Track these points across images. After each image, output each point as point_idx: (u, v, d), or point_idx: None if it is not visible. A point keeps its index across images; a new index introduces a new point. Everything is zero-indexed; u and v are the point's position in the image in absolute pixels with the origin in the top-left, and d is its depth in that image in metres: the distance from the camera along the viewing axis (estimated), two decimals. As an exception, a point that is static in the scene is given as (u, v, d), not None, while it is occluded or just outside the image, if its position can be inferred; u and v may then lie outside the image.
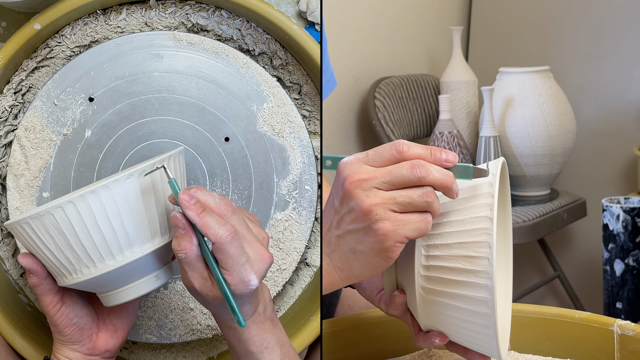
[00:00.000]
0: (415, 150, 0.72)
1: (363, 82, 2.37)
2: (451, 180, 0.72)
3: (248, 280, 0.76)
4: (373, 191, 0.72)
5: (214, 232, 0.75)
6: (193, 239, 0.76)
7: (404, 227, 0.71)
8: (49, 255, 0.78)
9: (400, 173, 0.71)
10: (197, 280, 0.77)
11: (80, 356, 0.85)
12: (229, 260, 0.75)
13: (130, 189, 0.76)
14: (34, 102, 0.94)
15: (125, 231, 0.76)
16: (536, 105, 2.26)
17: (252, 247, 0.77)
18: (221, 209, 0.76)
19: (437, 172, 0.72)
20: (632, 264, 1.88)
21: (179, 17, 0.97)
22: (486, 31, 2.81)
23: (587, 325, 0.91)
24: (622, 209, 1.88)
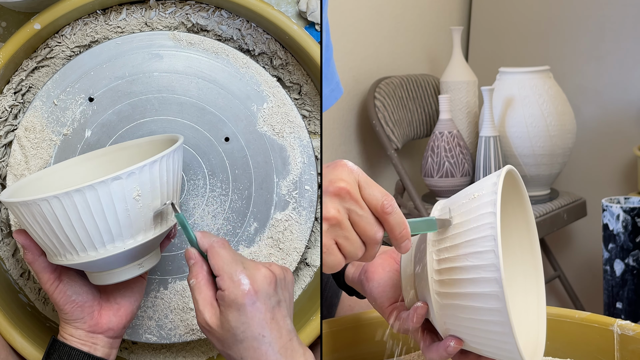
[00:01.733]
0: (395, 218, 0.76)
1: (363, 82, 2.37)
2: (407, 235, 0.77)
3: (238, 280, 0.76)
4: (344, 211, 0.75)
5: (208, 240, 0.79)
6: (203, 265, 0.79)
7: (326, 257, 0.75)
8: (38, 237, 0.81)
9: (371, 221, 0.76)
10: (207, 309, 0.77)
11: (83, 334, 0.85)
12: (219, 261, 0.77)
13: (116, 190, 0.77)
14: (34, 102, 0.94)
15: (108, 227, 0.78)
16: (536, 105, 2.26)
17: (250, 264, 0.78)
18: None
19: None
20: (632, 264, 1.88)
21: (179, 17, 0.97)
22: (486, 31, 2.81)
23: (587, 325, 0.91)
24: (622, 209, 1.88)
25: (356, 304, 1.10)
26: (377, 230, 0.76)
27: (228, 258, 0.78)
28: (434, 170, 2.24)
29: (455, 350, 0.79)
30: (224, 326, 0.76)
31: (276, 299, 0.77)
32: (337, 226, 0.74)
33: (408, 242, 0.77)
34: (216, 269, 0.78)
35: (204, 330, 0.78)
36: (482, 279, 0.73)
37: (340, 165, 0.76)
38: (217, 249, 0.78)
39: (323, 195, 0.75)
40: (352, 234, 0.75)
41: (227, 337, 0.77)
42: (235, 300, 0.75)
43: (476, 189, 0.77)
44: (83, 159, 0.92)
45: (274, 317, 0.77)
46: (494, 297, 0.72)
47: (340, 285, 0.95)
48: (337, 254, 0.75)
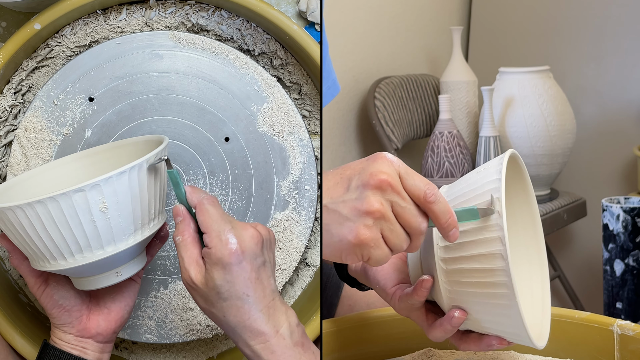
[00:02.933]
0: (440, 207, 0.74)
1: (363, 82, 2.37)
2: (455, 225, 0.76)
3: (225, 239, 0.76)
4: (387, 203, 0.73)
5: (197, 195, 0.79)
6: (190, 223, 0.79)
7: (373, 251, 0.74)
8: (15, 242, 0.80)
9: (414, 213, 0.74)
10: (193, 267, 0.77)
11: (72, 338, 0.85)
12: (207, 219, 0.77)
13: (79, 202, 0.75)
14: (34, 102, 0.94)
15: (75, 238, 0.77)
16: (536, 105, 2.26)
17: (238, 223, 0.78)
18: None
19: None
20: (632, 264, 1.88)
21: (179, 17, 0.97)
22: (486, 31, 2.81)
23: (587, 325, 0.91)
24: (622, 209, 1.88)
25: (356, 304, 1.10)
26: (422, 220, 0.74)
27: (216, 215, 0.78)
28: (434, 170, 2.24)
29: (459, 321, 0.78)
30: (209, 284, 0.77)
31: (262, 259, 0.78)
32: (381, 219, 0.73)
33: (456, 231, 0.75)
34: (204, 225, 0.78)
35: (188, 287, 0.78)
36: (487, 240, 0.74)
37: (380, 158, 0.75)
38: (206, 206, 0.78)
39: (364, 188, 0.73)
40: (397, 226, 0.74)
41: (211, 295, 0.77)
42: (222, 258, 0.76)
43: (481, 168, 0.78)
44: (79, 157, 0.91)
45: (259, 276, 0.77)
46: (499, 256, 0.73)
47: (342, 278, 0.94)
48: (384, 248, 0.74)
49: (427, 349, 0.96)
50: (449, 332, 0.79)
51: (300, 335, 0.80)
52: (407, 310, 0.83)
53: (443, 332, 0.79)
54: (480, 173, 0.78)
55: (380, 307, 1.02)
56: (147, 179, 0.79)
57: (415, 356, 0.95)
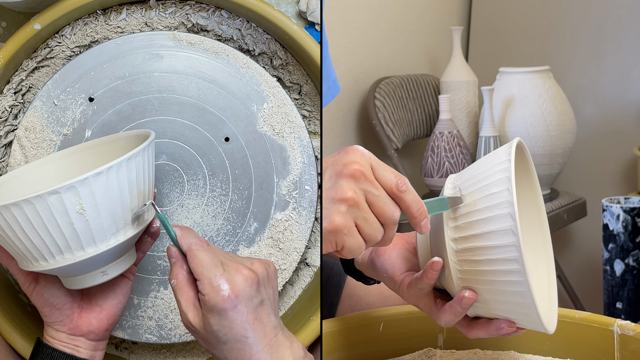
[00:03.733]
0: (411, 197, 0.76)
1: (363, 82, 2.37)
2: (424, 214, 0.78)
3: (217, 285, 0.75)
4: (361, 192, 0.75)
5: (187, 241, 0.78)
6: (183, 265, 0.78)
7: (347, 239, 0.75)
8: (0, 242, 0.80)
9: (387, 202, 0.76)
10: (190, 310, 0.77)
11: (64, 336, 0.85)
12: (198, 266, 0.77)
13: (55, 204, 0.74)
14: (34, 102, 0.94)
15: (53, 240, 0.76)
16: (536, 105, 2.26)
17: (231, 265, 0.77)
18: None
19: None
20: (632, 264, 1.88)
21: (179, 17, 0.97)
22: (486, 31, 2.81)
23: (587, 325, 0.91)
24: (622, 209, 1.88)
25: (357, 304, 1.10)
26: (395, 210, 0.76)
27: (207, 261, 0.77)
28: (434, 170, 2.24)
29: (469, 301, 0.78)
30: (207, 328, 0.76)
31: (259, 299, 0.77)
32: (355, 207, 0.74)
33: (427, 221, 0.77)
34: (195, 272, 0.77)
35: (189, 329, 0.78)
36: (496, 217, 0.74)
37: (352, 150, 0.77)
38: (194, 252, 0.77)
39: (337, 178, 0.75)
40: (371, 215, 0.75)
41: (211, 339, 0.76)
42: (216, 305, 0.75)
43: (490, 154, 0.79)
44: (71, 152, 0.90)
45: (257, 317, 0.76)
46: (509, 232, 0.73)
47: (348, 272, 0.94)
48: (357, 237, 0.75)
49: (427, 349, 0.96)
50: (459, 315, 0.79)
51: None
52: (415, 297, 0.83)
53: (453, 315, 0.79)
54: (489, 158, 0.78)
55: (380, 307, 1.02)
56: (127, 178, 0.77)
57: (415, 356, 0.95)
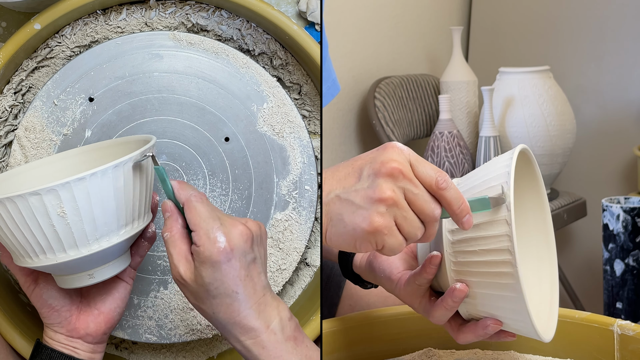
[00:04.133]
0: (452, 193, 0.75)
1: (363, 82, 2.37)
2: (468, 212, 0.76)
3: (214, 237, 0.75)
4: (400, 191, 0.73)
5: (185, 192, 0.78)
6: (178, 219, 0.79)
7: (387, 238, 0.74)
8: (7, 239, 0.80)
9: (427, 199, 0.74)
10: (182, 263, 0.77)
11: (62, 337, 0.85)
12: (196, 217, 0.77)
13: (36, 205, 0.75)
14: (34, 102, 0.94)
15: (36, 239, 0.77)
16: (536, 105, 2.26)
17: (227, 220, 0.78)
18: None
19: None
20: (632, 264, 1.88)
21: (179, 17, 0.97)
22: (486, 31, 2.81)
23: (587, 325, 0.91)
24: (622, 209, 1.87)
25: (357, 304, 1.10)
26: (435, 207, 0.74)
27: (205, 213, 0.77)
28: (434, 170, 2.24)
29: (461, 293, 0.77)
30: (198, 281, 0.76)
31: (252, 256, 0.77)
32: (394, 206, 0.73)
33: (469, 217, 0.75)
34: (192, 223, 0.77)
35: (178, 283, 0.78)
36: (494, 221, 0.74)
37: (390, 147, 0.75)
38: (194, 203, 0.78)
39: (375, 177, 0.73)
40: (410, 214, 0.74)
41: (200, 292, 0.77)
42: (210, 257, 0.75)
43: (492, 161, 0.79)
44: (74, 154, 0.91)
45: (249, 274, 0.77)
46: (502, 222, 0.73)
47: (347, 275, 0.94)
48: (398, 236, 0.74)
49: (427, 349, 0.96)
50: (450, 309, 0.79)
51: (292, 330, 0.79)
52: (411, 295, 0.83)
53: (444, 309, 0.79)
54: (490, 166, 0.78)
55: (380, 307, 1.02)
56: (114, 186, 0.77)
57: (415, 356, 0.95)
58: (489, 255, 0.75)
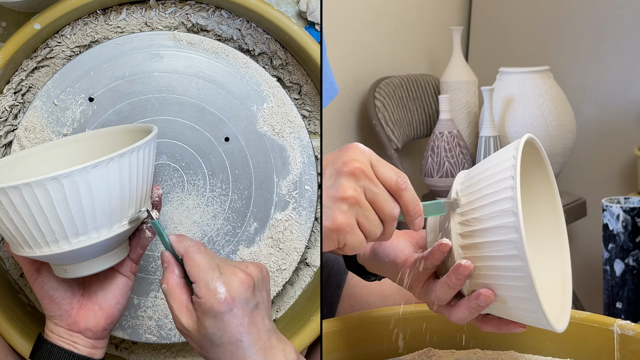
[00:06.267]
0: (409, 195, 0.77)
1: (363, 82, 2.37)
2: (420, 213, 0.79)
3: (214, 288, 0.75)
4: (361, 190, 0.76)
5: (183, 245, 0.78)
6: (175, 269, 0.79)
7: (349, 237, 0.76)
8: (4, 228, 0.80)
9: (387, 199, 0.77)
10: (183, 314, 0.77)
11: (62, 331, 0.85)
12: (194, 268, 0.77)
13: (16, 197, 0.75)
14: (34, 102, 0.94)
15: (19, 231, 0.77)
16: (536, 105, 2.26)
17: (227, 268, 0.77)
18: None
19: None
20: (632, 264, 1.88)
21: (179, 17, 0.97)
22: (486, 31, 2.81)
23: (587, 325, 0.91)
24: (622, 209, 1.87)
25: (357, 303, 1.10)
26: (394, 206, 0.77)
27: (203, 264, 0.76)
28: (434, 170, 2.24)
29: (488, 300, 0.77)
30: (201, 331, 0.76)
31: (254, 303, 0.77)
32: (356, 205, 0.75)
33: (421, 220, 0.78)
34: (192, 275, 0.77)
35: (182, 333, 0.78)
36: (501, 210, 0.74)
37: (352, 147, 0.77)
38: (191, 255, 0.77)
39: (338, 176, 0.75)
40: (371, 213, 0.76)
41: (204, 342, 0.76)
42: (212, 308, 0.75)
43: (501, 150, 0.79)
44: (73, 140, 0.90)
45: (252, 320, 0.76)
46: (513, 228, 0.73)
47: (350, 268, 0.94)
48: (359, 234, 0.76)
49: (427, 349, 0.96)
50: (454, 287, 0.79)
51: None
52: (414, 279, 0.83)
53: (447, 287, 0.79)
54: (499, 151, 0.79)
55: (380, 307, 1.02)
56: (83, 190, 0.76)
57: (415, 356, 0.95)
58: (496, 247, 0.75)
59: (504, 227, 0.74)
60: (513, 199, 0.74)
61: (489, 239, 0.75)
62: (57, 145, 0.90)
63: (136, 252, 0.87)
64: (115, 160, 0.76)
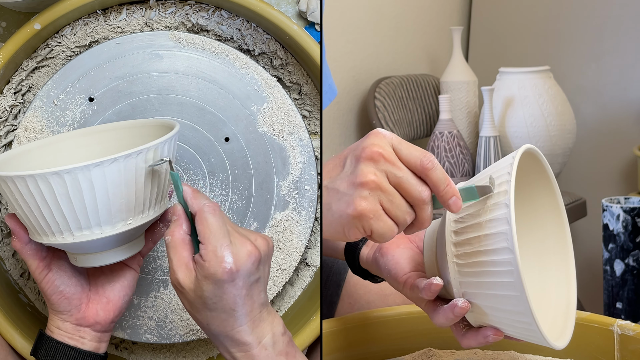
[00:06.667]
0: (437, 174, 0.73)
1: (363, 82, 2.37)
2: (455, 194, 0.74)
3: (221, 256, 0.74)
4: (382, 174, 0.72)
5: (198, 202, 0.77)
6: (183, 224, 0.78)
7: (374, 223, 0.72)
8: (18, 214, 0.80)
9: (412, 182, 0.73)
10: (182, 270, 0.76)
11: (69, 326, 0.85)
12: (206, 230, 0.76)
13: (12, 188, 0.76)
14: (34, 102, 0.94)
15: (31, 220, 0.78)
16: (536, 105, 2.26)
17: (237, 237, 0.77)
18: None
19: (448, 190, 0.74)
20: (632, 264, 1.88)
21: (179, 17, 0.97)
22: (486, 31, 2.81)
23: (587, 325, 0.91)
24: (622, 209, 1.87)
25: (356, 302, 1.10)
26: (423, 189, 0.73)
27: (216, 227, 0.76)
28: (434, 170, 2.24)
29: (462, 311, 0.77)
30: (197, 292, 0.76)
31: (256, 277, 0.77)
32: (377, 190, 0.72)
33: (457, 200, 0.73)
34: (202, 236, 0.76)
35: (176, 289, 0.78)
36: (495, 234, 0.73)
37: (372, 133, 0.74)
38: (205, 214, 0.76)
39: (357, 162, 0.73)
40: (397, 197, 0.72)
41: (197, 302, 0.76)
42: (215, 274, 0.74)
43: (494, 167, 0.78)
44: (86, 132, 0.90)
45: (250, 293, 0.76)
46: (504, 220, 0.72)
47: (355, 271, 0.94)
48: (386, 219, 0.72)
49: (427, 349, 0.96)
50: (451, 320, 0.78)
51: (284, 345, 0.79)
52: (416, 299, 0.83)
53: (445, 319, 0.79)
54: (495, 166, 0.78)
55: (380, 307, 1.02)
56: (85, 186, 0.76)
57: (415, 356, 0.95)
58: (492, 275, 0.74)
59: (496, 219, 0.73)
60: (507, 192, 0.73)
61: (481, 234, 0.74)
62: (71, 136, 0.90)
63: (147, 245, 0.87)
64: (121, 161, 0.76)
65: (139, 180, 0.78)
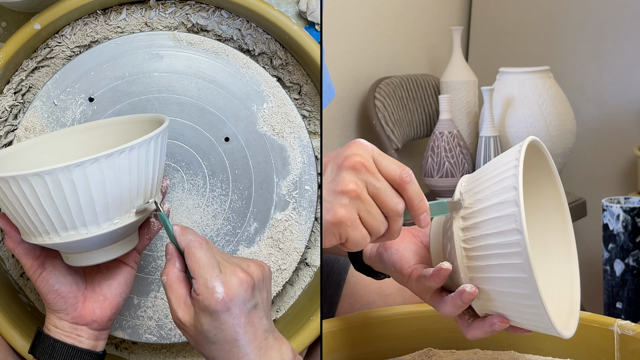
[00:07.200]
0: (414, 188, 0.76)
1: (363, 82, 2.37)
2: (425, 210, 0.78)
3: (212, 287, 0.74)
4: (362, 184, 0.75)
5: (185, 238, 0.78)
6: (176, 262, 0.79)
7: (351, 231, 0.75)
8: (8, 214, 0.80)
9: (390, 193, 0.76)
10: (181, 308, 0.77)
11: (66, 325, 0.85)
12: (195, 264, 0.76)
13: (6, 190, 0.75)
14: (34, 102, 0.94)
15: (22, 219, 0.78)
16: (536, 105, 2.26)
17: (227, 266, 0.77)
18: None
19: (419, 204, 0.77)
20: (632, 264, 1.88)
21: (179, 17, 0.97)
22: (486, 31, 2.81)
23: (587, 325, 0.91)
24: (622, 209, 1.87)
25: (356, 302, 1.10)
26: (398, 201, 0.75)
27: (204, 260, 0.76)
28: (434, 170, 2.24)
29: (470, 296, 0.77)
30: (197, 327, 0.76)
31: (252, 303, 0.76)
32: (357, 199, 0.74)
33: (427, 215, 0.77)
34: (192, 270, 0.77)
35: (178, 327, 0.78)
36: (504, 216, 0.74)
37: (354, 143, 0.76)
38: (192, 250, 0.77)
39: (339, 170, 0.75)
40: (374, 207, 0.75)
41: (200, 338, 0.76)
42: (209, 307, 0.74)
43: (500, 158, 0.78)
44: (79, 129, 0.90)
45: (249, 320, 0.76)
46: (516, 234, 0.73)
47: (358, 268, 0.94)
48: (361, 229, 0.75)
49: (427, 349, 0.96)
50: (459, 308, 0.79)
51: None
52: (422, 291, 0.83)
53: (453, 307, 0.79)
54: (501, 155, 0.78)
55: (380, 307, 1.02)
56: (67, 186, 0.75)
57: (415, 356, 0.95)
58: (500, 257, 0.75)
59: (504, 202, 0.74)
60: (515, 175, 0.74)
61: (489, 218, 0.75)
62: (69, 133, 0.90)
63: (142, 242, 0.87)
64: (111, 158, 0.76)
65: (123, 179, 0.77)
